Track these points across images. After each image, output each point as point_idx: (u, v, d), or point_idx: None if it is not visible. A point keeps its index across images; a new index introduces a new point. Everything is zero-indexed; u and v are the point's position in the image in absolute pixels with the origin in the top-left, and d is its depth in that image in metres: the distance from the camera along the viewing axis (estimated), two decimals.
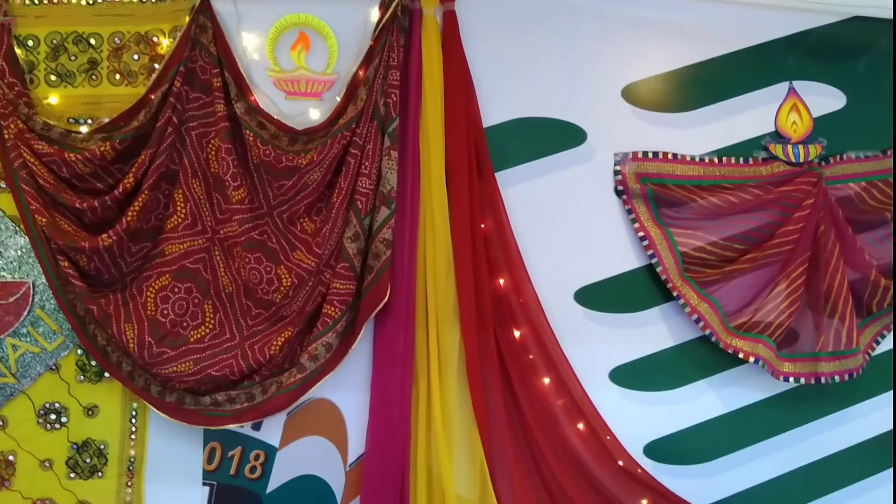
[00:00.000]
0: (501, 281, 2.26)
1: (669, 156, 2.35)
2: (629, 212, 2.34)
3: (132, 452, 2.13)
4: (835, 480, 2.47)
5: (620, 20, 2.35)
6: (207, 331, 2.09)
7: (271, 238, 2.13)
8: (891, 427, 2.50)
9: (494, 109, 2.29)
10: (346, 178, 2.11)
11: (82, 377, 2.12)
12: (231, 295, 2.12)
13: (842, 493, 2.47)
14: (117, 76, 2.13)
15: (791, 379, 2.34)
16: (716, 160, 2.37)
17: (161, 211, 2.10)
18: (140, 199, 2.02)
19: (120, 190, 2.01)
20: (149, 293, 2.08)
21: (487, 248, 2.26)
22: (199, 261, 2.11)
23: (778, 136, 2.42)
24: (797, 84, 2.44)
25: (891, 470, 2.49)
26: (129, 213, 2.02)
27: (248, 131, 2.08)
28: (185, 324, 2.08)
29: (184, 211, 2.10)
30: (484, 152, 2.26)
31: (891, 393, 2.50)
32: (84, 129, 2.10)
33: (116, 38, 2.13)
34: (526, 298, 2.27)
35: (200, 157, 2.11)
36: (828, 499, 2.46)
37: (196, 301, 2.10)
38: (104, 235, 2.00)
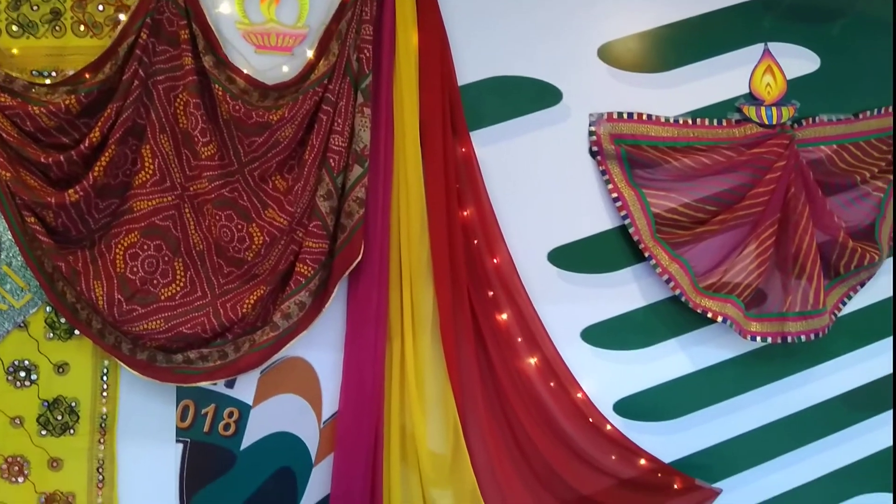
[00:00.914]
0: (476, 241, 2.27)
1: (644, 117, 2.35)
2: (603, 173, 2.35)
3: (104, 410, 2.12)
4: (799, 437, 2.55)
5: None
6: (178, 289, 2.08)
7: (242, 196, 2.10)
8: (857, 385, 2.58)
9: (469, 67, 2.26)
10: (318, 135, 2.08)
11: (52, 334, 2.09)
12: (202, 253, 2.10)
13: (806, 449, 2.55)
14: (81, 27, 2.07)
15: (758, 338, 2.39)
16: (690, 121, 2.38)
17: (129, 167, 2.06)
18: (107, 154, 1.98)
19: (86, 144, 1.97)
20: (117, 250, 2.05)
21: (461, 208, 2.26)
22: (168, 218, 2.09)
23: (752, 97, 2.43)
24: (772, 45, 2.44)
25: (849, 428, 2.58)
26: (96, 169, 1.97)
27: (216, 86, 2.03)
28: (155, 281, 2.07)
29: (152, 167, 2.07)
30: (458, 111, 2.24)
31: (855, 353, 2.58)
32: (48, 81, 2.03)
33: None
34: (500, 258, 2.28)
35: (168, 111, 2.07)
36: (792, 454, 2.53)
37: (166, 259, 2.08)
38: (71, 191, 1.96)
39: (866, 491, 2.59)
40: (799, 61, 2.47)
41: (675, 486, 2.38)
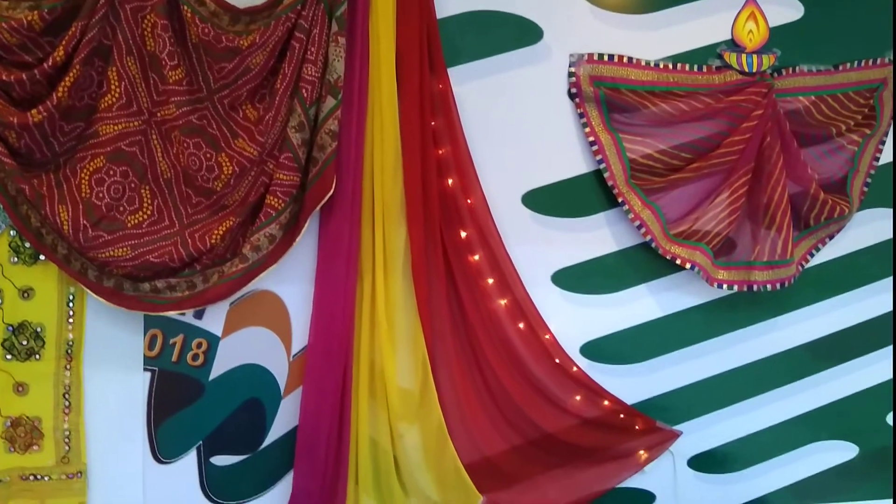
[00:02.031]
0: (450, 180, 2.25)
1: (625, 59, 2.32)
2: (581, 115, 2.33)
3: (70, 336, 2.11)
4: (761, 384, 2.61)
5: None
6: (145, 217, 2.05)
7: (211, 124, 2.06)
8: (819, 336, 2.63)
9: (449, 0, 2.20)
10: (290, 63, 2.03)
11: (16, 259, 2.06)
12: (169, 181, 2.06)
13: (766, 395, 2.61)
14: None
15: (725, 286, 2.42)
16: (670, 66, 2.35)
17: (94, 89, 1.99)
18: (71, 75, 1.91)
19: (49, 63, 1.90)
20: (83, 175, 2.00)
21: (437, 145, 2.23)
22: (134, 143, 2.04)
23: (733, 44, 2.40)
24: None
25: (810, 377, 2.64)
26: (60, 89, 1.91)
27: (185, 7, 1.96)
28: (121, 208, 2.03)
29: (118, 90, 2.01)
30: (436, 45, 2.19)
31: (819, 304, 2.62)
32: None
33: None
34: (473, 199, 2.27)
35: (136, 33, 2.00)
36: (753, 401, 2.60)
37: (132, 185, 2.04)
38: (34, 111, 1.90)
39: (823, 438, 2.68)
40: (783, 9, 2.44)
41: (637, 427, 2.45)
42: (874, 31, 2.53)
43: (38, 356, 2.10)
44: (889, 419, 2.72)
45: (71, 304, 2.11)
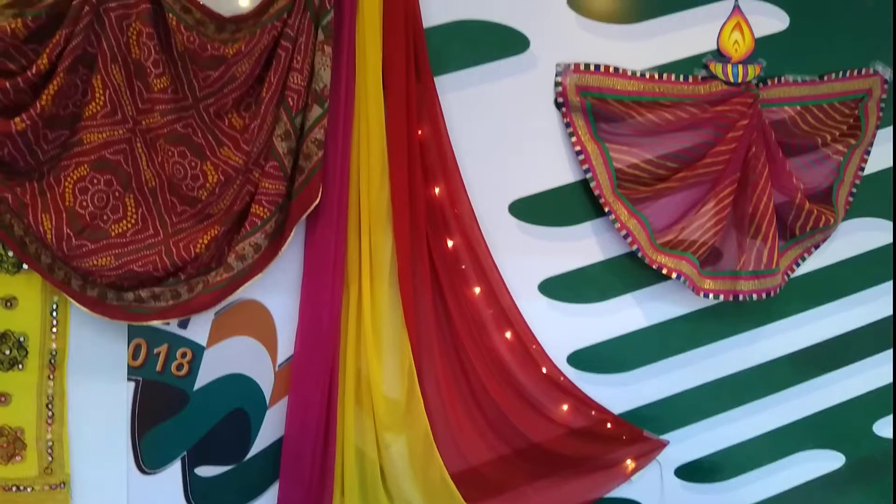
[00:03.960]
0: (437, 189, 2.25)
1: (611, 69, 2.33)
2: (567, 125, 2.33)
3: (54, 346, 2.09)
4: (747, 393, 2.61)
5: None
6: (129, 225, 2.03)
7: (196, 132, 2.05)
8: (804, 346, 2.65)
9: (435, 9, 2.21)
10: (276, 72, 2.03)
11: None
12: (154, 190, 2.05)
13: (752, 405, 2.62)
14: None
15: (711, 295, 2.43)
16: (656, 76, 2.36)
17: (79, 97, 1.98)
18: (55, 83, 1.90)
19: (33, 71, 1.89)
20: (67, 183, 1.99)
21: (423, 154, 2.23)
22: (119, 152, 2.03)
23: (719, 54, 2.42)
24: (742, 2, 2.42)
25: (795, 387, 2.65)
26: (44, 97, 1.90)
27: (171, 15, 1.96)
28: (105, 217, 2.02)
29: (102, 98, 2.00)
30: (423, 54, 2.19)
31: (805, 314, 2.63)
32: None
33: None
34: (460, 208, 2.27)
35: (121, 41, 1.99)
36: (739, 410, 2.61)
37: (117, 194, 2.03)
38: (17, 119, 1.88)
39: (810, 447, 2.69)
40: (768, 19, 2.46)
41: (624, 437, 2.45)
42: (859, 41, 2.55)
43: (20, 366, 2.08)
44: (875, 428, 2.73)
45: (54, 314, 2.09)
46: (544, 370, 2.36)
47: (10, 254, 2.04)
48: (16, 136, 1.90)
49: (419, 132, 2.22)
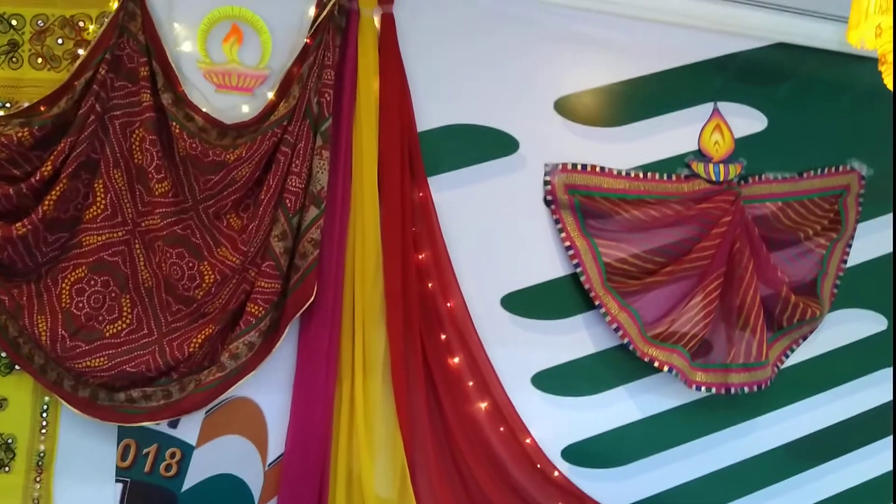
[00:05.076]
0: (430, 285, 2.28)
1: (598, 169, 2.41)
2: (557, 221, 2.40)
3: (42, 447, 2.07)
4: (743, 486, 2.58)
5: (555, 33, 2.41)
6: (124, 326, 2.05)
7: (195, 233, 2.09)
8: (799, 436, 2.64)
9: (429, 114, 2.30)
10: (275, 175, 2.09)
11: None
12: (150, 290, 2.08)
13: (750, 497, 2.59)
14: (39, 60, 2.06)
15: (703, 388, 2.44)
16: (641, 175, 2.45)
17: (80, 201, 2.03)
18: (58, 188, 1.96)
19: (37, 178, 1.94)
20: (64, 285, 2.02)
21: (417, 251, 2.28)
22: (118, 253, 2.06)
23: (700, 154, 2.52)
24: (721, 105, 2.54)
25: (791, 478, 2.63)
26: (46, 203, 1.95)
27: (174, 123, 2.03)
28: (100, 318, 2.03)
29: (104, 202, 2.05)
30: (417, 156, 2.27)
31: (797, 405, 2.64)
32: (1, 112, 2.02)
33: (40, 21, 2.05)
34: (453, 303, 2.30)
35: (124, 146, 2.06)
36: (739, 503, 2.56)
37: (113, 295, 2.05)
38: (18, 224, 1.93)
39: None
40: (747, 121, 2.58)
41: None
42: (835, 140, 2.66)
43: (7, 468, 2.05)
44: None
45: (45, 415, 2.07)
46: (538, 465, 2.33)
47: (2, 354, 2.04)
48: (17, 240, 1.94)
49: (413, 229, 2.26)
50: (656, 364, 2.38)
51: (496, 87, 2.36)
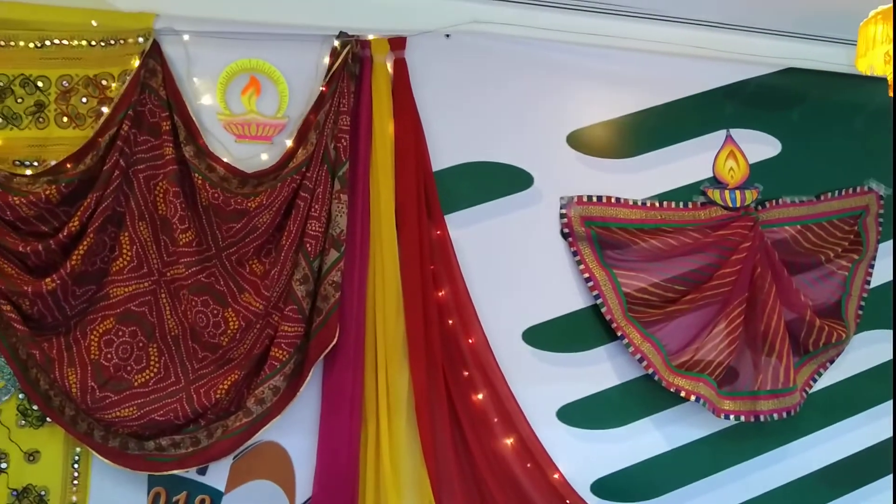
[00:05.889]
0: (451, 322, 2.29)
1: (613, 200, 2.43)
2: (574, 254, 2.40)
3: (74, 499, 2.08)
4: None
5: (565, 69, 2.44)
6: (152, 374, 2.08)
7: (219, 280, 2.13)
8: (831, 462, 2.59)
9: (444, 154, 2.34)
10: (295, 220, 2.13)
11: (24, 422, 2.07)
12: (177, 338, 2.11)
13: None
14: (65, 119, 2.12)
15: (731, 417, 2.42)
16: (657, 204, 2.46)
17: (106, 254, 2.08)
18: (85, 243, 2.01)
19: (65, 233, 2.00)
20: (92, 337, 2.06)
21: (437, 289, 2.29)
22: (144, 304, 2.10)
23: (716, 181, 2.52)
24: (734, 132, 2.55)
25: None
26: (74, 257, 2.00)
27: (196, 174, 2.09)
28: (129, 368, 2.07)
29: (129, 253, 2.10)
30: (433, 195, 2.30)
31: (828, 430, 2.60)
32: (29, 171, 2.08)
33: (65, 82, 2.12)
34: (475, 339, 2.30)
35: (148, 199, 2.11)
36: None
37: (140, 344, 2.09)
38: (48, 280, 1.98)
39: None
40: (760, 146, 2.58)
41: None
42: (850, 161, 2.66)
43: None
44: None
45: (76, 466, 2.10)
46: (568, 501, 2.31)
47: (35, 407, 2.07)
48: (46, 295, 1.98)
49: (431, 267, 2.28)
50: (683, 394, 2.36)
51: (508, 123, 2.39)
